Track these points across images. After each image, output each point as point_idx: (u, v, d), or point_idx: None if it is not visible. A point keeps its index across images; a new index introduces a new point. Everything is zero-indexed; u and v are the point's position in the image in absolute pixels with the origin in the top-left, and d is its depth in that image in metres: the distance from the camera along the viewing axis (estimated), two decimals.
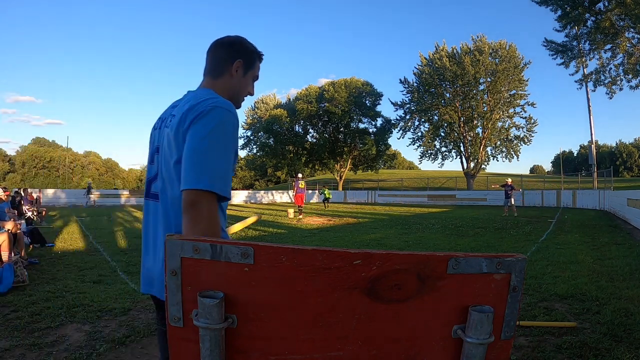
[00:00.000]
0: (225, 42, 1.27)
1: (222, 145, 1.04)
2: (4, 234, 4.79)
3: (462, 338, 0.76)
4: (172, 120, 1.12)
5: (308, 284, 0.73)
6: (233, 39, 1.29)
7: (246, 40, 1.31)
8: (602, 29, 23.42)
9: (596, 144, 29.88)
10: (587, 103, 27.12)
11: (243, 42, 1.29)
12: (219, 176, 1.02)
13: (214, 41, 1.29)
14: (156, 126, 1.25)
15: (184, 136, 1.05)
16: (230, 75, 1.25)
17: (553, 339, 2.90)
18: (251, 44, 1.32)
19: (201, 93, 1.15)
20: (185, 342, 0.76)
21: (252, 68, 1.30)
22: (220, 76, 1.25)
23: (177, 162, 1.06)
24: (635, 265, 5.38)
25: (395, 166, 77.71)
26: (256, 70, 1.32)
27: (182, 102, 1.15)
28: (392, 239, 8.77)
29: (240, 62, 1.26)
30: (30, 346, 2.73)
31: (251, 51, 1.29)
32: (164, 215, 1.15)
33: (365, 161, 46.29)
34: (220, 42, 1.28)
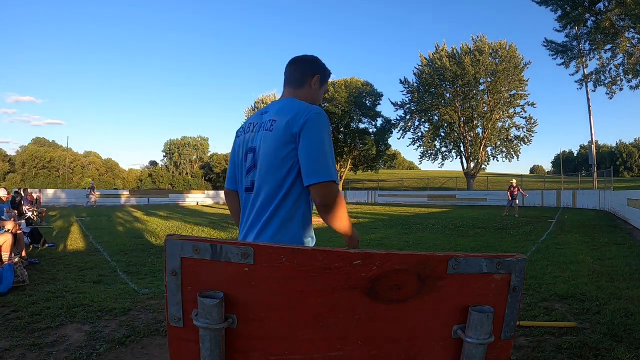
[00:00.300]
0: (306, 59, 1.51)
1: (330, 144, 1.34)
2: (4, 234, 4.79)
3: (462, 338, 0.76)
4: (274, 124, 1.33)
5: (308, 284, 0.73)
6: (311, 57, 1.53)
7: (320, 59, 1.54)
8: (602, 29, 23.41)
9: (596, 144, 29.88)
10: (587, 103, 27.15)
11: (319, 60, 1.53)
12: (335, 169, 1.33)
13: (294, 57, 1.52)
14: (247, 129, 1.45)
15: (294, 137, 1.28)
16: (309, 86, 1.49)
17: (553, 339, 2.90)
18: (324, 63, 1.55)
19: (294, 102, 1.37)
20: (185, 342, 0.76)
21: (325, 82, 1.55)
22: (301, 87, 1.48)
23: (285, 158, 1.30)
24: (635, 265, 5.38)
25: (395, 166, 77.69)
26: (327, 84, 1.56)
27: (276, 110, 1.38)
28: (392, 239, 8.77)
29: (318, 77, 1.50)
30: (30, 346, 2.73)
31: (325, 68, 1.53)
32: (254, 202, 1.39)
33: (365, 161, 46.26)
34: (301, 59, 1.51)
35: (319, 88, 1.51)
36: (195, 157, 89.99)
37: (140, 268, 5.49)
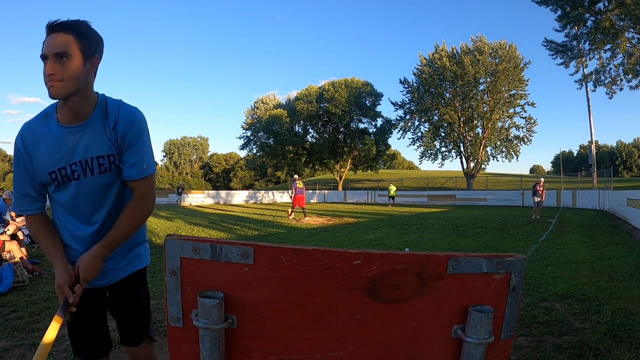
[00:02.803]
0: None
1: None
2: (13, 242, 4.80)
3: (462, 338, 0.76)
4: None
5: (308, 284, 0.73)
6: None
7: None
8: (602, 29, 23.41)
9: (596, 144, 29.87)
10: (587, 103, 27.15)
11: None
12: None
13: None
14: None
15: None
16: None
17: (553, 339, 2.90)
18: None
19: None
20: (185, 342, 0.76)
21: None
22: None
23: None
24: (635, 265, 5.38)
25: (395, 166, 77.70)
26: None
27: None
28: (392, 239, 8.77)
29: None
30: (30, 346, 2.73)
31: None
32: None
33: (365, 161, 46.27)
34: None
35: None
36: (195, 157, 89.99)
37: None
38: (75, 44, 1.18)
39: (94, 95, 1.30)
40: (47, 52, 1.16)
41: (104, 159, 1.28)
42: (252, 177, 78.11)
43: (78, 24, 1.20)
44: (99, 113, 1.28)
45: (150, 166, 1.34)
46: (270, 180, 75.12)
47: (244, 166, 72.16)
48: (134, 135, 1.30)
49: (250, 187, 70.70)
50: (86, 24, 1.24)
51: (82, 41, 1.20)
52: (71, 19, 1.21)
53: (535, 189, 15.19)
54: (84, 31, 1.21)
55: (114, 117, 1.29)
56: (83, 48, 1.21)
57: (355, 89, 44.08)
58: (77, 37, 1.19)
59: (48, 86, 1.16)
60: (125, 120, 1.29)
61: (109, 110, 1.29)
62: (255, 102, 57.62)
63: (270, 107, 52.18)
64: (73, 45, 1.18)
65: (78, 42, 1.19)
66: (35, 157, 1.27)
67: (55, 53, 1.15)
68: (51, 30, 1.18)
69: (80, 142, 1.26)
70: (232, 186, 75.45)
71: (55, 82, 1.16)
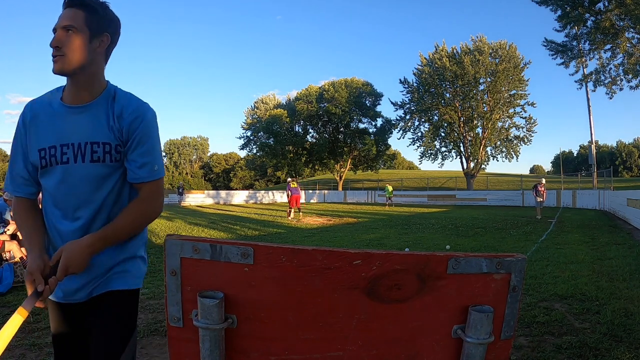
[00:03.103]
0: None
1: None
2: (13, 242, 4.80)
3: (462, 338, 0.76)
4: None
5: (308, 284, 0.73)
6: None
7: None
8: (602, 29, 23.42)
9: (596, 144, 29.88)
10: (587, 103, 27.16)
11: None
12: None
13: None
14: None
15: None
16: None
17: (553, 339, 2.90)
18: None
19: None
20: (185, 342, 0.76)
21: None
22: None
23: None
24: (635, 265, 5.38)
25: (395, 166, 77.70)
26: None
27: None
28: (392, 239, 8.77)
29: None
30: (30, 346, 2.73)
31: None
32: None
33: (365, 161, 46.28)
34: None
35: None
36: (195, 157, 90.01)
37: None
38: (83, 18, 1.15)
39: (104, 81, 1.25)
40: (56, 25, 1.15)
41: (99, 146, 1.17)
42: (252, 177, 78.12)
43: (92, 1, 1.18)
44: (105, 98, 1.21)
45: (160, 169, 1.25)
46: (270, 180, 75.12)
47: (244, 166, 72.18)
48: (145, 133, 1.20)
49: (250, 187, 70.70)
50: (100, 2, 1.20)
51: (91, 17, 1.17)
52: None
53: (537, 189, 15.06)
54: (95, 7, 1.18)
55: (121, 105, 1.20)
56: (91, 24, 1.17)
57: (355, 89, 44.09)
58: (87, 13, 1.16)
59: (53, 61, 1.13)
60: (135, 113, 1.20)
61: (117, 97, 1.22)
62: (255, 102, 57.66)
63: (270, 107, 52.19)
64: (81, 20, 1.15)
65: (87, 17, 1.16)
66: (30, 131, 1.20)
67: (63, 26, 1.13)
68: (65, 6, 1.17)
69: (79, 124, 1.18)
70: (232, 186, 75.47)
71: (58, 56, 1.13)
